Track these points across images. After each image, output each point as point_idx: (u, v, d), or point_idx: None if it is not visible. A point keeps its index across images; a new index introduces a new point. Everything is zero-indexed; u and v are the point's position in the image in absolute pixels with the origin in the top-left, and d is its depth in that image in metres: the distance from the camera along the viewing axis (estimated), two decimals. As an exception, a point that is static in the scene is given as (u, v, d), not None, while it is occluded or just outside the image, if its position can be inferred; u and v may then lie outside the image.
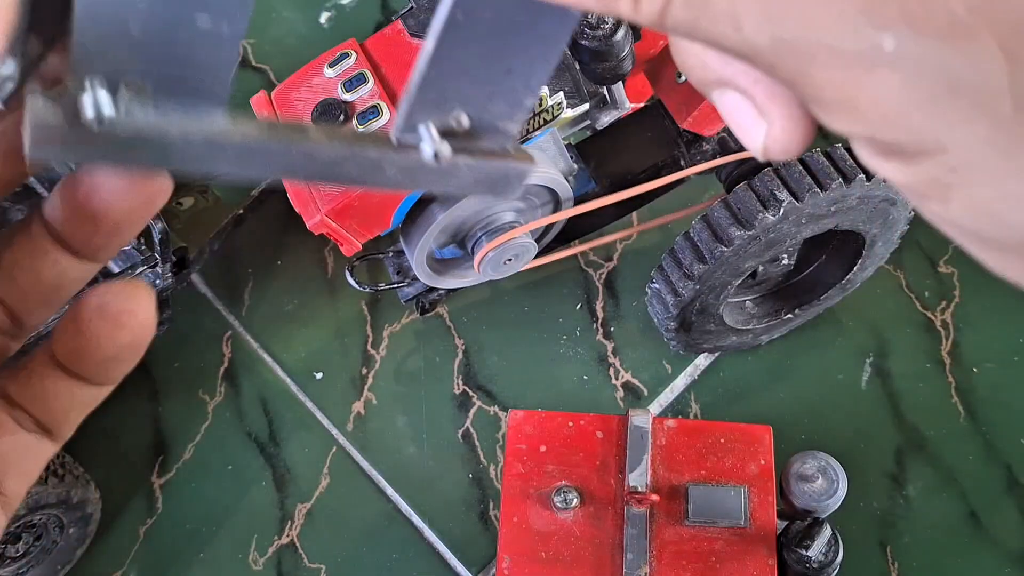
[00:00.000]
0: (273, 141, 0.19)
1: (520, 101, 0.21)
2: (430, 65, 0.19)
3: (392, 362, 0.63)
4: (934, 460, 0.58)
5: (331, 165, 0.20)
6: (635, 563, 0.44)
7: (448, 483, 0.59)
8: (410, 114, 0.20)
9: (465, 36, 0.19)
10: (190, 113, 0.18)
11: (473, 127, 0.21)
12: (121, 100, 0.18)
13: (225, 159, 0.19)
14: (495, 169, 0.21)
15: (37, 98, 0.17)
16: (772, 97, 0.19)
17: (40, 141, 0.17)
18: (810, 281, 0.59)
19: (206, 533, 0.59)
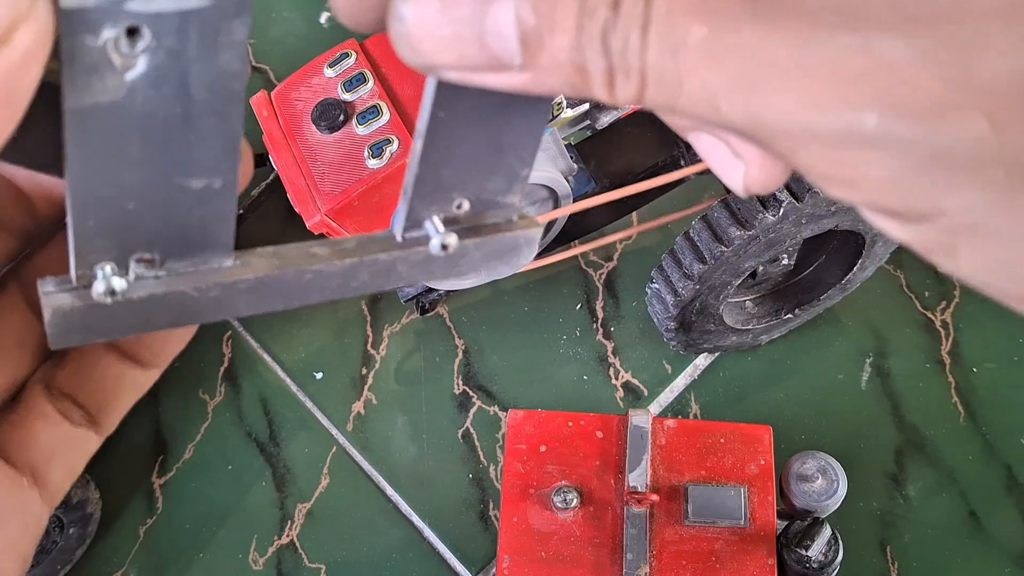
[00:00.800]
0: (287, 273, 0.19)
1: (516, 174, 0.21)
2: (422, 164, 0.19)
3: (392, 362, 0.63)
4: (934, 460, 0.58)
5: (345, 279, 0.20)
6: (635, 563, 0.44)
7: (448, 483, 0.59)
8: (411, 212, 0.20)
9: (450, 130, 0.19)
10: (200, 267, 0.19)
11: (474, 208, 0.21)
12: (131, 273, 0.18)
13: (243, 302, 0.19)
14: (503, 242, 0.21)
15: (48, 289, 0.18)
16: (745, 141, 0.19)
17: (61, 331, 0.18)
18: (810, 281, 0.59)
19: (206, 533, 0.59)
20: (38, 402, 0.22)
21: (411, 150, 0.20)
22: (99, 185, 0.17)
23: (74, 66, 0.15)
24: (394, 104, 0.46)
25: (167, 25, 0.15)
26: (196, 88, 0.16)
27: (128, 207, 0.17)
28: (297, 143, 0.47)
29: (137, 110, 0.16)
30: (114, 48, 0.15)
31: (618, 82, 0.16)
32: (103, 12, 0.14)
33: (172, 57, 0.16)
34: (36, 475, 0.21)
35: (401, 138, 0.45)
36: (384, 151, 0.45)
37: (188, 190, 0.18)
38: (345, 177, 0.46)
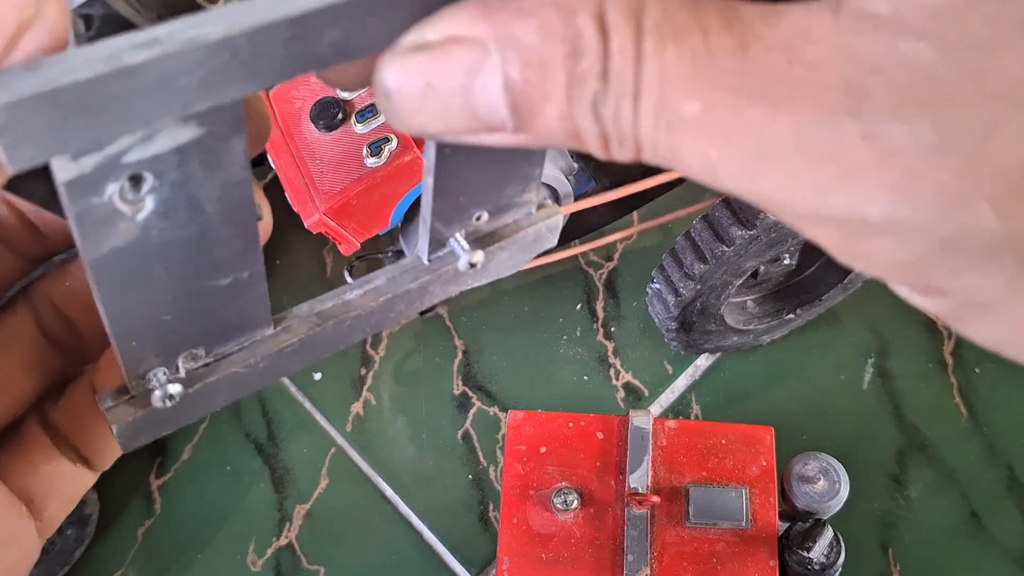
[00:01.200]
0: (327, 327, 0.20)
1: (530, 176, 0.21)
2: (436, 197, 0.19)
3: (392, 362, 0.62)
4: (936, 461, 0.57)
5: (382, 315, 0.21)
6: (636, 564, 0.44)
7: (448, 484, 0.59)
8: (433, 236, 0.20)
9: (458, 160, 0.19)
10: (244, 345, 0.19)
11: (494, 216, 0.21)
12: (181, 371, 0.19)
13: (293, 362, 0.20)
14: (527, 237, 0.22)
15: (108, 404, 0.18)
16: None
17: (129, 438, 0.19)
18: (811, 281, 0.59)
19: (205, 534, 0.58)
20: (37, 435, 0.22)
21: (423, 185, 0.20)
22: (132, 311, 0.17)
23: (85, 224, 0.15)
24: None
25: (167, 163, 0.15)
26: (207, 204, 0.16)
27: (165, 319, 0.18)
28: (295, 142, 0.47)
29: (154, 241, 0.16)
30: (120, 198, 0.15)
31: (613, 147, 0.16)
32: (102, 172, 0.14)
33: (177, 187, 0.15)
34: (33, 506, 0.21)
35: (400, 136, 0.45)
36: (383, 149, 0.45)
37: (218, 289, 0.18)
38: (343, 176, 0.45)
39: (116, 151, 0.14)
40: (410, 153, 0.45)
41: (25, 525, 0.21)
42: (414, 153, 0.45)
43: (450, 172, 0.19)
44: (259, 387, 0.20)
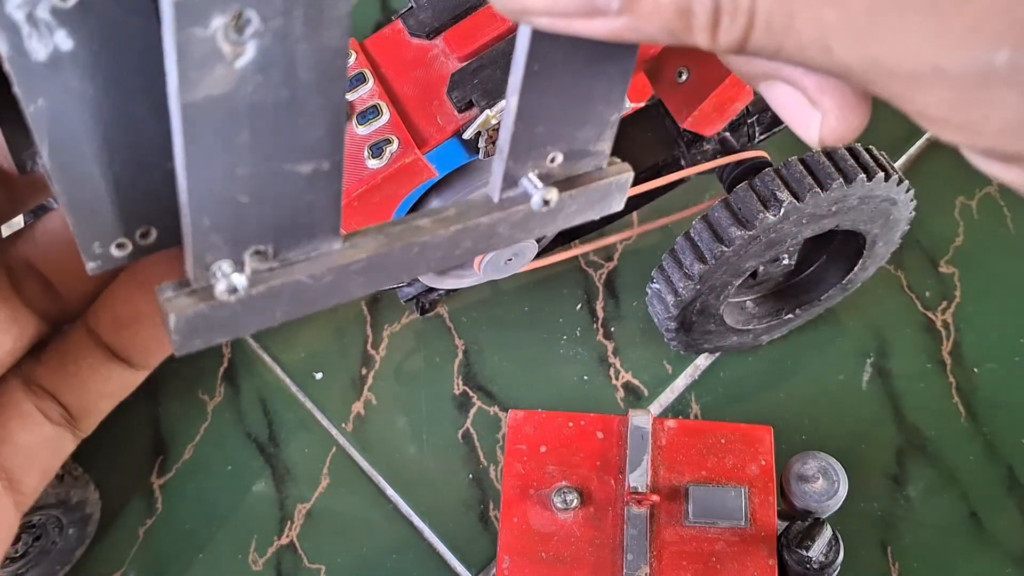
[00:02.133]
0: (395, 249, 0.19)
1: (607, 120, 0.20)
2: (517, 121, 0.19)
3: (392, 362, 0.63)
4: (935, 460, 0.58)
5: (449, 247, 0.20)
6: (635, 563, 0.44)
7: (448, 483, 0.59)
8: (507, 172, 0.20)
9: (544, 83, 0.18)
10: (311, 254, 0.18)
11: (567, 159, 0.21)
12: (247, 268, 0.18)
13: (357, 284, 0.19)
14: (596, 191, 0.21)
15: (168, 294, 0.17)
16: (824, 88, 0.18)
17: (186, 336, 0.18)
18: (811, 281, 0.59)
19: (206, 533, 0.58)
20: (16, 398, 0.21)
21: (505, 108, 0.19)
22: (213, 181, 0.16)
23: (185, 59, 0.14)
24: (394, 104, 0.46)
25: (274, 6, 0.15)
26: (302, 70, 0.16)
27: (241, 200, 0.17)
28: (297, 143, 0.47)
29: (247, 99, 0.16)
30: (224, 37, 0.15)
31: (723, 24, 0.16)
32: (212, 1, 0.14)
33: (279, 40, 0.15)
34: (11, 478, 0.20)
35: (401, 138, 0.45)
36: (384, 151, 0.45)
37: (298, 176, 0.17)
38: (345, 177, 0.46)
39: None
40: (411, 154, 0.45)
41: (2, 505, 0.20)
42: (415, 154, 0.45)
43: (536, 92, 0.19)
44: (321, 306, 0.19)
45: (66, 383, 0.21)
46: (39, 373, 0.21)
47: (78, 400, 0.22)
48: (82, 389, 0.22)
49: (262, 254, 0.18)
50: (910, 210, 0.53)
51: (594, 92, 0.20)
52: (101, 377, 0.22)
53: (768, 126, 0.58)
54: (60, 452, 0.22)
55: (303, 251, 0.18)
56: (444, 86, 0.46)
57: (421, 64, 0.47)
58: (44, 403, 0.21)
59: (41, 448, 0.21)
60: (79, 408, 0.22)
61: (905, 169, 0.67)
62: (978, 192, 0.66)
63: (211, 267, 0.18)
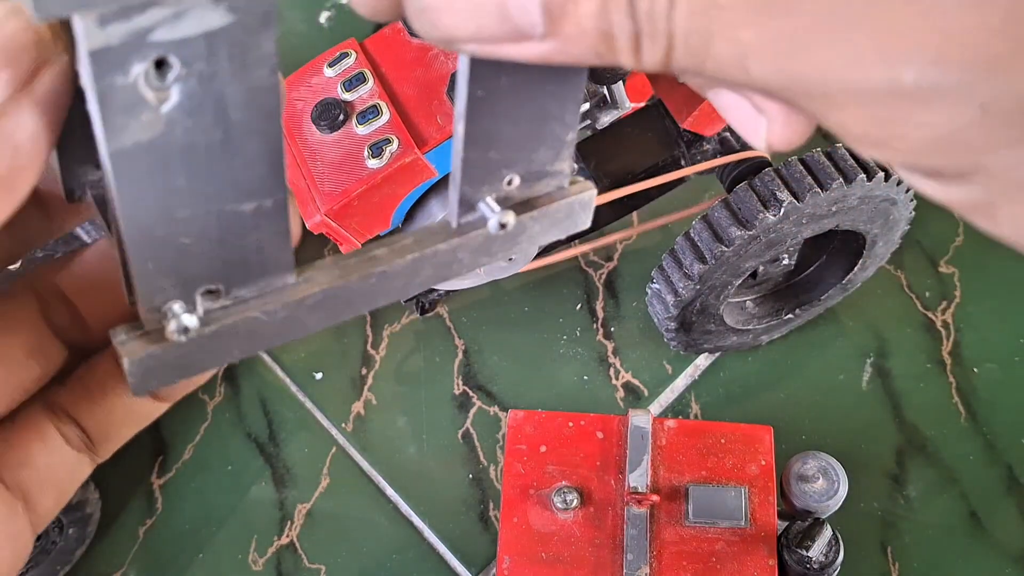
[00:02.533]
0: (351, 281, 0.19)
1: (562, 140, 0.20)
2: (467, 147, 0.19)
3: (392, 362, 0.63)
4: (935, 460, 0.58)
5: (409, 277, 0.20)
6: (635, 563, 0.44)
7: (448, 483, 0.59)
8: (463, 197, 0.20)
9: (491, 108, 0.18)
10: (264, 290, 0.18)
11: (525, 181, 0.20)
12: (198, 308, 0.18)
13: (312, 318, 0.19)
14: (559, 211, 0.21)
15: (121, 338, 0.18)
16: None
17: (141, 378, 0.18)
18: (811, 281, 0.59)
19: (206, 533, 0.58)
20: (38, 421, 0.21)
21: (454, 134, 0.19)
22: (151, 225, 0.16)
23: (108, 108, 0.15)
24: (394, 104, 0.46)
25: (194, 50, 0.15)
26: (233, 110, 0.16)
27: (184, 242, 0.17)
28: (296, 143, 0.47)
29: (177, 142, 0.16)
30: (145, 83, 0.15)
31: (644, 46, 0.16)
32: (129, 47, 0.14)
33: (204, 82, 0.15)
34: (28, 499, 0.21)
35: (401, 138, 0.45)
36: (384, 151, 0.45)
37: (241, 214, 0.17)
38: (345, 177, 0.46)
39: (144, 25, 0.14)
40: (411, 154, 0.45)
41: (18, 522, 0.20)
42: (415, 154, 0.45)
43: (483, 118, 0.19)
44: (277, 342, 0.19)
45: (90, 409, 0.22)
46: (63, 397, 0.21)
47: (100, 426, 0.22)
48: (105, 415, 0.22)
49: (214, 293, 0.18)
50: (910, 210, 0.53)
51: (546, 113, 0.19)
52: (125, 405, 0.22)
53: (768, 126, 0.58)
54: (77, 476, 0.22)
55: (256, 288, 0.18)
56: (444, 86, 0.46)
57: (421, 64, 0.47)
58: (65, 427, 0.21)
59: (59, 471, 0.21)
60: (100, 434, 0.22)
61: (905, 169, 0.67)
62: (978, 192, 0.66)
63: (162, 308, 0.18)
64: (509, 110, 0.19)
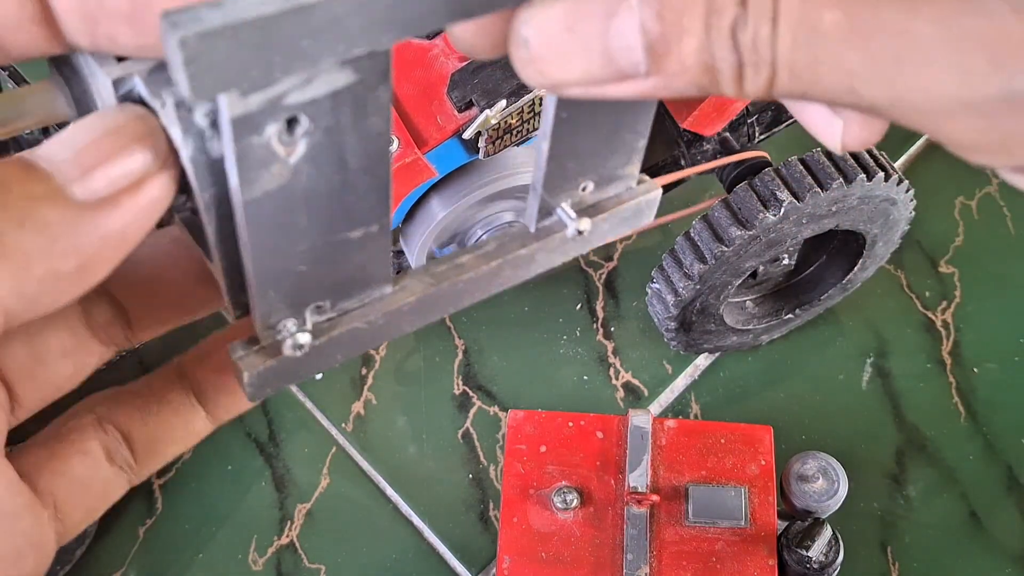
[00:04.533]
0: (441, 288, 0.21)
1: (634, 147, 0.21)
2: (549, 163, 0.20)
3: (392, 362, 0.63)
4: (935, 460, 0.58)
5: (491, 280, 0.22)
6: (635, 563, 0.44)
7: (448, 483, 0.59)
8: (542, 205, 0.21)
9: (573, 127, 0.20)
10: (365, 302, 0.20)
11: (598, 186, 0.22)
12: (308, 323, 0.19)
13: (406, 322, 0.21)
14: (628, 211, 0.22)
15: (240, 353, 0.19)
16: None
17: (257, 388, 0.19)
18: (810, 281, 0.59)
19: (206, 533, 0.58)
20: (84, 435, 0.21)
21: (536, 152, 0.20)
22: (274, 261, 0.18)
23: (245, 164, 0.16)
24: (394, 103, 0.46)
25: (321, 108, 0.16)
26: (351, 155, 0.17)
27: (301, 269, 0.18)
28: (297, 143, 0.47)
29: (302, 187, 0.17)
30: (277, 140, 0.16)
31: (747, 77, 0.16)
32: (265, 112, 0.15)
33: (328, 134, 0.16)
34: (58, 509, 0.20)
35: (401, 138, 0.45)
36: (384, 151, 0.45)
37: (350, 241, 0.19)
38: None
39: (279, 92, 0.15)
40: (411, 154, 0.45)
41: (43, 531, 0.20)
42: (415, 154, 0.45)
43: (565, 136, 0.20)
44: (375, 345, 0.21)
45: (143, 421, 0.22)
46: (116, 411, 0.21)
47: (150, 441, 0.22)
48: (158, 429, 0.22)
49: (321, 308, 0.20)
50: (910, 210, 0.53)
51: (621, 125, 0.21)
52: (182, 421, 0.22)
53: (768, 126, 0.58)
54: (110, 496, 0.22)
55: (358, 299, 0.20)
56: (444, 86, 0.46)
57: (421, 64, 0.47)
58: (112, 443, 0.21)
59: (93, 487, 0.21)
60: (147, 450, 0.22)
61: (905, 169, 0.67)
62: (978, 192, 0.66)
63: (276, 326, 0.19)
64: (589, 126, 0.20)
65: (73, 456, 0.21)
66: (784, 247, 0.51)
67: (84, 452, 0.21)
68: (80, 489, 0.21)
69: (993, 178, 0.67)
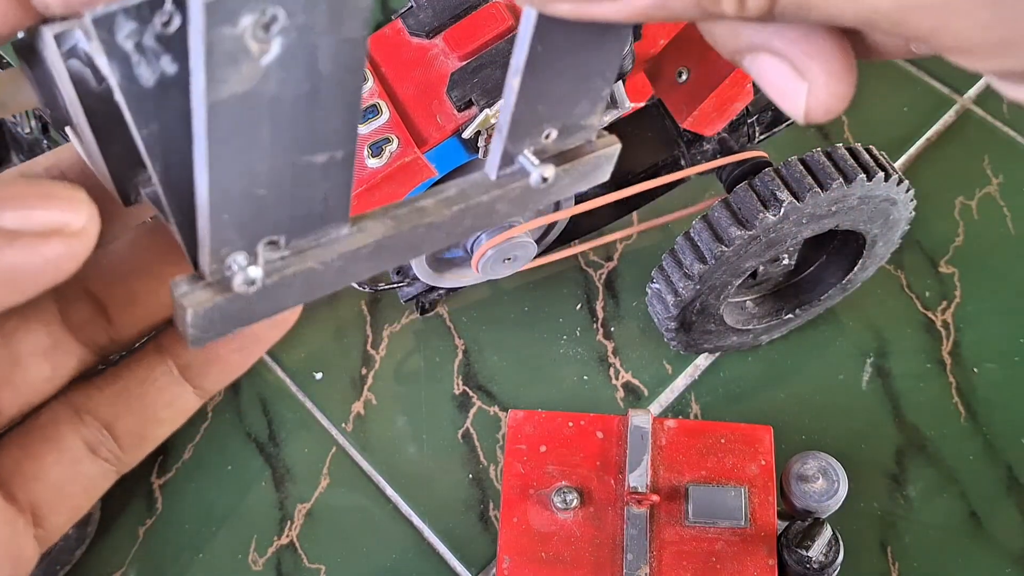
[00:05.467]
0: (401, 231, 0.19)
1: (600, 95, 0.21)
2: (519, 102, 0.19)
3: (392, 362, 0.63)
4: (935, 460, 0.58)
5: (452, 227, 0.20)
6: (635, 563, 0.44)
7: (448, 483, 0.59)
8: (506, 151, 0.20)
9: (546, 63, 0.19)
10: (322, 241, 0.19)
11: (561, 135, 0.21)
12: (260, 259, 0.18)
13: (363, 266, 0.19)
14: (587, 164, 0.22)
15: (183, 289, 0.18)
16: (810, 55, 0.18)
17: (201, 329, 0.18)
18: (810, 281, 0.59)
19: (206, 533, 0.58)
20: (60, 432, 0.20)
21: (506, 89, 0.19)
22: (234, 178, 0.17)
23: (213, 59, 0.15)
24: (393, 103, 0.46)
25: (299, 2, 0.15)
26: (323, 62, 0.16)
27: (259, 193, 0.17)
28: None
29: (268, 94, 0.16)
30: (251, 35, 0.15)
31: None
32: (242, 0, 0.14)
33: (302, 35, 0.15)
34: (36, 514, 0.19)
35: (401, 137, 0.45)
36: (384, 150, 0.45)
37: (313, 166, 0.17)
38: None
39: None
40: (411, 153, 0.45)
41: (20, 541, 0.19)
42: (415, 154, 0.45)
43: (538, 73, 0.19)
44: (331, 289, 0.19)
45: (128, 406, 0.21)
46: (96, 399, 0.21)
47: (136, 426, 0.21)
48: (144, 412, 0.21)
49: (274, 243, 0.18)
50: (910, 210, 0.53)
51: (592, 68, 0.20)
52: (166, 400, 0.21)
53: (768, 126, 0.58)
54: (95, 491, 0.21)
55: (314, 238, 0.19)
56: (444, 85, 0.46)
57: (421, 63, 0.47)
58: (94, 436, 0.20)
59: (75, 487, 0.20)
60: (134, 436, 0.21)
61: (905, 169, 0.67)
62: (978, 192, 0.66)
63: (226, 260, 0.18)
64: (563, 64, 0.19)
65: (49, 455, 0.20)
66: (784, 247, 0.51)
67: (60, 451, 0.20)
68: (60, 490, 0.20)
69: (993, 178, 0.67)
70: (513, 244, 0.50)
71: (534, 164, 0.20)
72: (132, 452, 0.21)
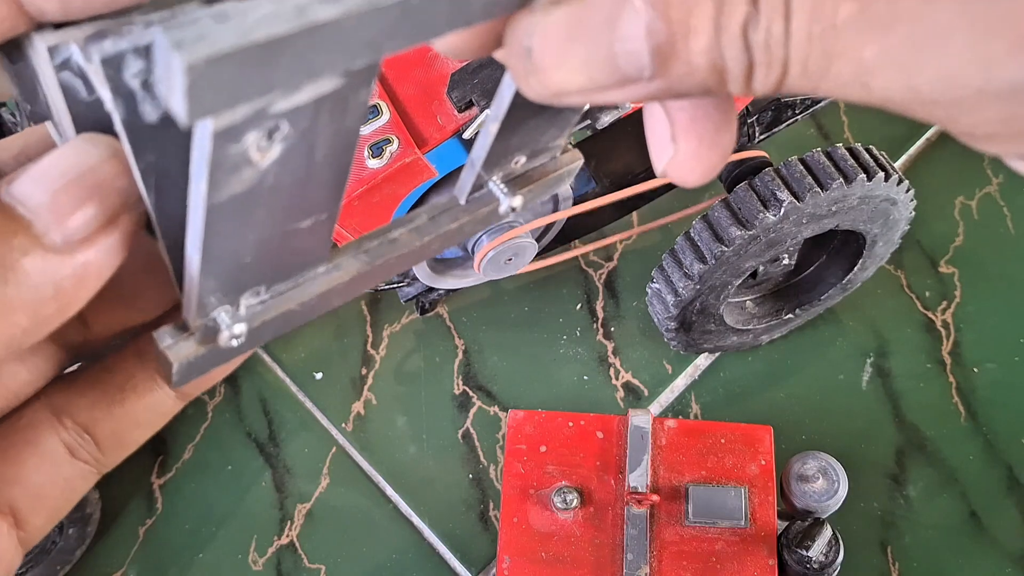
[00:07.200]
0: (374, 265, 0.20)
1: (569, 121, 0.21)
2: (496, 142, 0.20)
3: (392, 362, 0.63)
4: (935, 460, 0.58)
5: (421, 253, 0.21)
6: (635, 563, 0.44)
7: (448, 483, 0.59)
8: (476, 180, 0.21)
9: (523, 107, 0.19)
10: (299, 283, 0.19)
11: (529, 159, 0.21)
12: (242, 309, 0.19)
13: (337, 298, 0.20)
14: (552, 180, 0.22)
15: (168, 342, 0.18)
16: (688, 129, 0.18)
17: (183, 378, 0.19)
18: (810, 281, 0.59)
19: (206, 533, 0.58)
20: (39, 435, 0.20)
21: (482, 131, 0.20)
22: (224, 255, 0.17)
23: (216, 172, 0.15)
24: (394, 103, 0.46)
25: (303, 114, 0.15)
26: (320, 151, 0.16)
27: (246, 260, 0.18)
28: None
29: (266, 186, 0.16)
30: (255, 147, 0.15)
31: (757, 75, 0.16)
32: (249, 122, 0.14)
33: (304, 136, 0.16)
34: (17, 517, 0.19)
35: (401, 137, 0.45)
36: (384, 151, 0.45)
37: (299, 230, 0.18)
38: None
39: (268, 101, 0.14)
40: (411, 154, 0.45)
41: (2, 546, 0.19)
42: (415, 154, 0.45)
43: (516, 115, 0.19)
44: (303, 322, 0.20)
45: (107, 410, 0.21)
46: (76, 403, 0.20)
47: (115, 429, 0.21)
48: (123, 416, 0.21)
49: (256, 292, 0.19)
50: (910, 210, 0.53)
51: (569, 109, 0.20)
52: (145, 404, 0.21)
53: (768, 126, 0.58)
54: (76, 493, 0.21)
55: (293, 281, 0.19)
56: (444, 86, 0.46)
57: (421, 64, 0.47)
58: (73, 439, 0.20)
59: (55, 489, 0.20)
60: (113, 439, 0.21)
61: (905, 169, 0.67)
62: (978, 192, 0.66)
63: (210, 314, 0.18)
64: (541, 109, 0.19)
65: (28, 459, 0.20)
66: (784, 247, 0.51)
67: (39, 454, 0.20)
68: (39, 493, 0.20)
69: (993, 178, 0.67)
70: (514, 245, 0.50)
71: (504, 192, 0.21)
72: (111, 454, 0.21)
